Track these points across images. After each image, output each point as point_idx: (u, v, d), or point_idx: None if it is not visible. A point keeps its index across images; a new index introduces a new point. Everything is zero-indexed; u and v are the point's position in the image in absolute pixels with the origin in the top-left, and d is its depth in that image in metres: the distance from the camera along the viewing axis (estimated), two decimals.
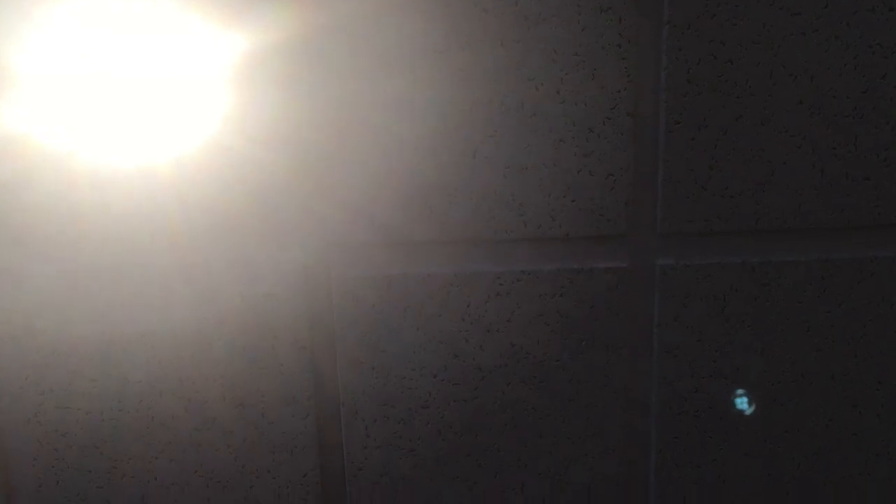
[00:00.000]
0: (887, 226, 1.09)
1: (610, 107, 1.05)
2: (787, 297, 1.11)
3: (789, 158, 1.07)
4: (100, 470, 1.16)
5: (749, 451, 1.17)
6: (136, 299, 1.10)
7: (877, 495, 1.19)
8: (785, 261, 1.10)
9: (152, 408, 1.14)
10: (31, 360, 1.12)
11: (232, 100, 1.04)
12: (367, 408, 1.15)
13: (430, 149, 1.06)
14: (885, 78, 1.04)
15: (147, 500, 1.17)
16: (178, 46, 1.03)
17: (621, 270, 1.11)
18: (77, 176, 1.06)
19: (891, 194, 1.08)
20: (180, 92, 1.04)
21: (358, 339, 1.12)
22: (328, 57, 1.04)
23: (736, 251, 1.10)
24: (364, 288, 1.11)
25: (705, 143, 1.06)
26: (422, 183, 1.07)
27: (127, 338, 1.11)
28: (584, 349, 1.13)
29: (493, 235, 1.09)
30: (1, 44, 1.01)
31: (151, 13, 1.02)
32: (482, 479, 1.18)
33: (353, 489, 1.18)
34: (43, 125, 1.04)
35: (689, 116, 1.05)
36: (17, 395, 1.13)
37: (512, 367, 1.14)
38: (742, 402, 1.17)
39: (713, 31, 1.03)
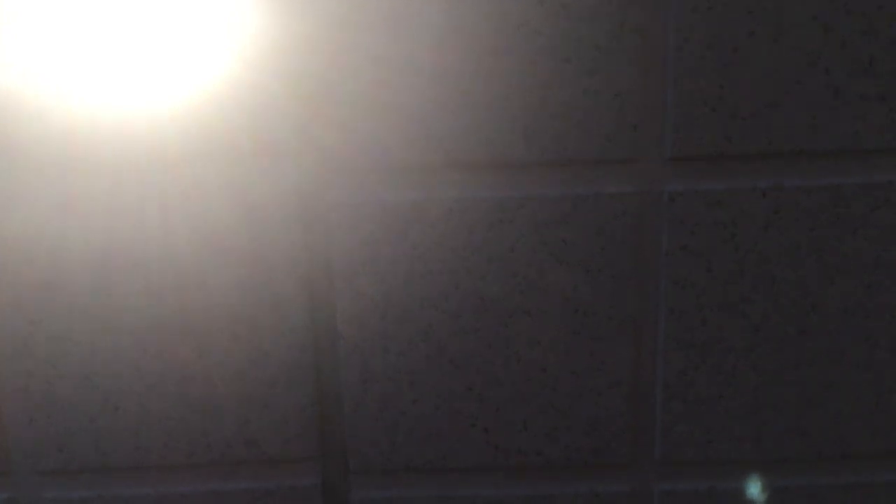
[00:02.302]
0: None
1: (617, 24, 1.02)
2: (798, 225, 1.08)
3: (802, 78, 1.03)
4: (92, 403, 1.14)
5: (758, 387, 1.15)
6: (131, 226, 1.07)
7: (890, 431, 1.17)
8: (797, 186, 1.07)
9: (146, 339, 1.11)
10: (22, 287, 1.09)
11: (225, 20, 1.01)
12: (365, 340, 1.13)
13: (429, 70, 1.03)
14: None
15: (141, 434, 1.15)
16: None
17: (628, 196, 1.08)
18: (68, 98, 1.03)
19: None
20: (172, 11, 1.01)
21: (355, 268, 1.10)
22: None
23: (746, 176, 1.07)
24: (362, 215, 1.08)
25: (715, 62, 1.03)
26: (420, 105, 1.04)
27: (122, 266, 1.08)
28: (589, 279, 1.11)
29: (495, 159, 1.06)
30: None
31: None
32: (484, 414, 1.16)
33: (351, 423, 1.16)
34: (31, 44, 1.01)
35: (699, 34, 1.02)
36: (7, 324, 1.10)
37: (515, 299, 1.11)
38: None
39: None
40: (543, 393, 1.16)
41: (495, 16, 1.02)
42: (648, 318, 1.13)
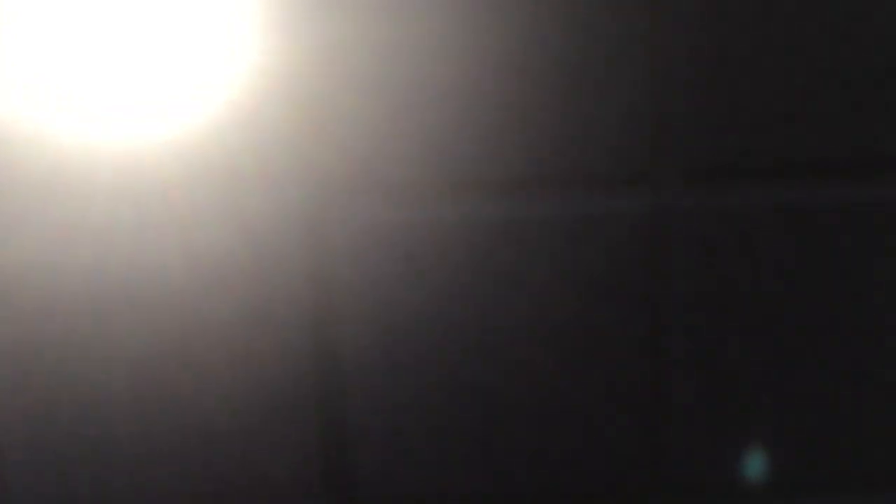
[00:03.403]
0: None
1: (627, 39, 1.00)
2: (819, 240, 1.06)
3: (816, 90, 1.01)
4: (91, 434, 1.11)
5: (780, 410, 1.12)
6: (128, 254, 1.05)
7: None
8: (817, 201, 1.04)
9: (144, 368, 1.09)
10: (19, 319, 1.07)
11: (225, 45, 1.00)
12: (371, 364, 1.10)
13: (434, 89, 1.01)
14: None
15: (141, 465, 1.13)
16: None
17: (640, 213, 1.05)
18: (65, 124, 1.02)
19: None
20: (170, 37, 1.00)
21: (359, 290, 1.07)
22: (320, 3, 0.99)
23: (764, 191, 1.04)
24: (364, 236, 1.06)
25: (728, 74, 1.00)
26: (424, 125, 1.02)
27: (119, 294, 1.06)
28: (602, 299, 1.08)
29: (503, 178, 1.04)
30: None
31: None
32: (497, 441, 1.13)
33: (358, 452, 1.13)
34: (28, 70, 1.00)
35: (710, 47, 1.00)
36: (5, 357, 1.08)
37: (526, 321, 1.09)
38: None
39: None
40: (558, 418, 1.13)
41: (503, 34, 1.00)
42: (664, 338, 1.10)
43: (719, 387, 1.12)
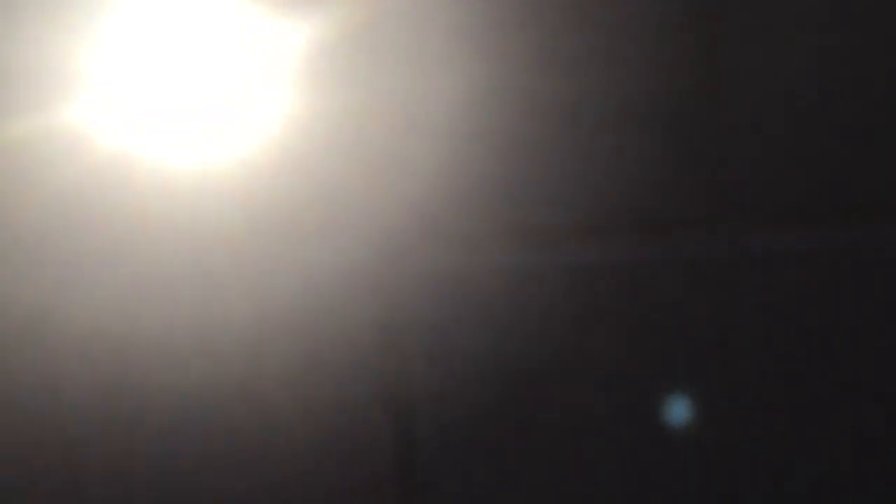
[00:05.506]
0: None
1: (687, 85, 0.99)
2: (890, 283, 1.03)
3: (884, 131, 0.98)
4: (169, 485, 1.14)
5: (857, 454, 1.09)
6: (194, 304, 1.08)
7: None
8: (885, 242, 1.01)
9: (212, 413, 1.11)
10: (98, 369, 1.11)
11: (286, 97, 1.02)
12: (438, 411, 1.11)
13: (495, 137, 1.02)
14: None
15: None
16: (226, 44, 1.00)
17: (707, 259, 1.04)
18: (136, 179, 1.05)
19: None
20: (234, 89, 1.02)
21: (425, 337, 1.08)
22: (380, 51, 1.00)
23: (830, 233, 1.02)
24: (428, 284, 1.06)
25: (790, 115, 0.99)
26: (485, 173, 1.03)
27: (187, 343, 1.09)
28: (662, 348, 1.07)
29: (565, 224, 1.04)
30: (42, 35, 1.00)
31: (200, 10, 1.00)
32: (560, 483, 1.13)
33: (428, 497, 1.14)
34: (97, 128, 1.03)
35: (774, 90, 0.98)
36: (88, 402, 1.12)
37: (586, 369, 1.08)
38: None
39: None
40: (631, 464, 1.12)
41: (566, 80, 1.00)
42: (727, 388, 1.08)
43: (789, 435, 1.09)
